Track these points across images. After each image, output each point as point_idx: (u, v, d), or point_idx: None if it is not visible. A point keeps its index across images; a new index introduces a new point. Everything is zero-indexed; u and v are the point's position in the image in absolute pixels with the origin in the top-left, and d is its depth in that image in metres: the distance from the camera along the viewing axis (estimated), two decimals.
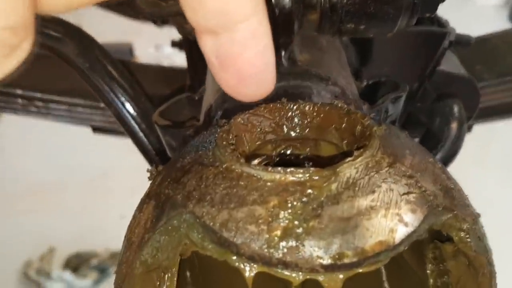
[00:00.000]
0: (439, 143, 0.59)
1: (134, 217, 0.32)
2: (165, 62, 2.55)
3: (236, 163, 0.29)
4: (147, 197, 0.32)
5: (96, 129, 0.76)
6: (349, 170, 0.28)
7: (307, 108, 0.35)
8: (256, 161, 0.36)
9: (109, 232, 1.92)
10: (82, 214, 2.05)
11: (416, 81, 0.59)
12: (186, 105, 0.53)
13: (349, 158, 0.28)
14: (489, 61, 0.71)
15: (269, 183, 0.27)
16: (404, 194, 0.28)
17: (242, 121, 0.34)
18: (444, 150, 0.58)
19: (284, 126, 0.36)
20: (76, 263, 1.92)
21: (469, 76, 0.60)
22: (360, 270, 0.26)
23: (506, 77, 0.69)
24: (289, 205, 0.26)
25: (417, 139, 0.61)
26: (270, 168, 0.28)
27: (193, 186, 0.29)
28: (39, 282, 1.85)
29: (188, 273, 0.35)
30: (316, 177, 0.27)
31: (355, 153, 0.29)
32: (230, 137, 0.32)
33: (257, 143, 0.35)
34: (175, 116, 0.51)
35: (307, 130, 0.36)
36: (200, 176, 0.29)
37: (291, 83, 0.44)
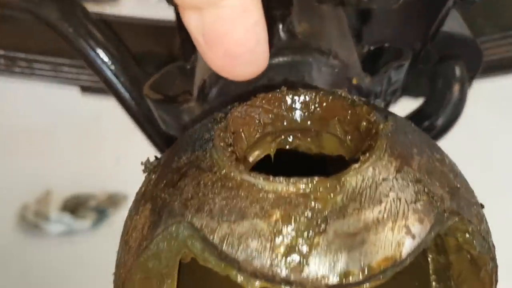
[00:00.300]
0: (441, 107, 0.57)
1: (130, 217, 0.31)
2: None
3: (236, 170, 0.27)
4: (143, 197, 0.31)
5: (85, 89, 0.74)
6: (354, 178, 0.26)
7: (308, 97, 0.33)
8: (256, 154, 0.34)
9: (105, 174, 1.93)
10: (77, 157, 2.04)
11: (419, 42, 0.57)
12: (178, 75, 0.51)
13: (355, 165, 0.27)
14: (492, 14, 0.68)
15: (270, 195, 0.26)
16: (411, 202, 0.26)
17: (240, 115, 0.32)
18: (446, 115, 0.57)
19: (284, 117, 0.34)
20: (74, 205, 1.93)
21: (472, 37, 0.57)
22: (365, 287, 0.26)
23: (508, 31, 0.67)
24: (293, 219, 0.25)
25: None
26: (271, 178, 0.26)
27: (190, 193, 0.28)
28: (37, 225, 1.87)
29: (188, 277, 0.34)
30: (321, 189, 0.26)
31: (361, 158, 0.27)
32: (228, 135, 0.30)
33: (256, 136, 0.33)
34: (166, 89, 0.49)
35: (309, 121, 0.34)
36: (198, 182, 0.28)
37: (289, 58, 0.42)
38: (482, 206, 0.32)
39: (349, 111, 0.32)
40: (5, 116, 2.22)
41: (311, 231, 0.25)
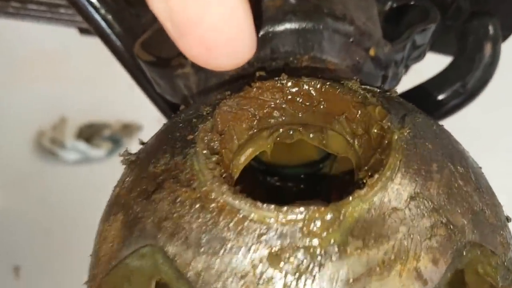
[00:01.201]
0: (471, 70, 0.51)
1: (102, 221, 0.28)
2: None
3: (218, 190, 0.23)
4: (115, 202, 0.27)
5: (83, 31, 0.68)
6: (358, 209, 0.22)
7: (312, 89, 0.28)
8: (249, 152, 0.30)
9: (120, 103, 1.91)
10: (92, 85, 2.02)
11: None
12: None
13: (359, 192, 0.22)
14: None
15: (257, 225, 0.22)
16: (426, 239, 0.22)
17: (230, 109, 0.28)
18: (476, 77, 0.51)
19: (283, 110, 0.29)
20: (89, 134, 1.94)
21: None
22: None
23: None
24: (282, 261, 0.22)
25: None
26: (259, 204, 0.22)
27: (165, 211, 0.24)
28: (53, 152, 1.89)
29: None
30: (317, 222, 0.22)
31: (368, 181, 0.23)
32: (214, 137, 0.26)
33: (250, 132, 0.29)
34: (159, 48, 0.44)
35: (312, 116, 0.29)
36: (174, 199, 0.24)
37: (297, 25, 0.36)
38: (508, 219, 0.28)
39: (359, 111, 0.27)
40: (20, 40, 2.18)
41: (302, 276, 0.21)
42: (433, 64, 0.55)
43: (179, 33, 0.22)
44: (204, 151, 0.25)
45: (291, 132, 0.30)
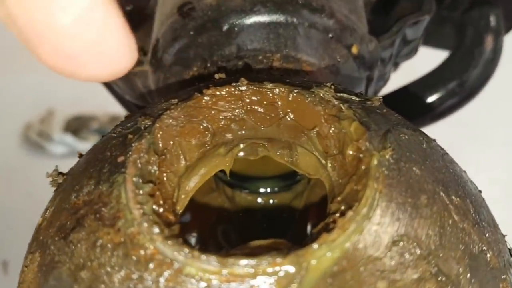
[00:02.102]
0: (469, 67, 0.46)
1: (24, 258, 0.23)
2: None
3: (147, 233, 0.18)
4: (35, 239, 0.22)
5: None
6: (326, 258, 0.17)
7: (277, 96, 0.23)
8: (200, 173, 0.25)
9: (106, 94, 1.86)
10: None
11: None
12: (132, 22, 0.40)
13: (327, 236, 0.17)
14: None
15: (194, 282, 0.17)
16: None
17: (174, 122, 0.23)
18: (475, 75, 0.46)
19: (243, 123, 0.24)
20: (76, 126, 1.90)
21: None
22: None
23: None
24: None
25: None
26: (197, 254, 0.17)
27: (82, 257, 0.19)
28: (40, 145, 1.85)
29: None
30: (270, 280, 0.17)
31: (338, 222, 0.18)
32: (151, 160, 0.21)
33: (201, 150, 0.24)
34: None
35: (278, 129, 0.24)
36: (93, 243, 0.19)
37: (267, 18, 0.31)
38: (508, 249, 0.23)
39: (332, 125, 0.22)
40: (5, 31, 2.12)
41: None
42: (426, 60, 0.50)
43: (26, 38, 0.18)
44: (135, 179, 0.20)
45: (255, 148, 0.26)
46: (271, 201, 0.35)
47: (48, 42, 0.18)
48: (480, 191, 0.24)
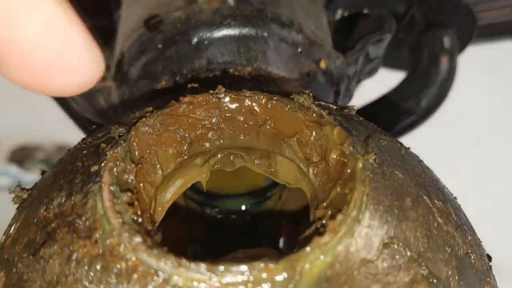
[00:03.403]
0: (425, 86, 0.47)
1: None
2: None
3: (128, 244, 0.17)
4: (1, 255, 0.20)
5: None
6: (319, 262, 0.17)
7: (256, 104, 0.23)
8: (177, 185, 0.24)
9: (51, 122, 1.80)
10: (21, 103, 1.91)
11: (402, 5, 0.46)
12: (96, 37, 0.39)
13: (319, 239, 0.17)
14: None
15: None
16: None
17: (150, 130, 0.22)
18: (431, 95, 0.47)
19: (221, 131, 0.24)
20: (21, 157, 1.83)
21: (465, 1, 0.47)
22: None
23: None
24: None
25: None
26: (185, 262, 0.16)
27: (55, 274, 0.18)
28: None
29: None
30: (265, 286, 0.16)
31: (329, 224, 0.17)
32: (127, 168, 0.20)
33: (178, 160, 0.23)
34: None
35: (257, 138, 0.24)
36: (68, 256, 0.18)
37: (237, 32, 0.31)
38: (489, 258, 0.23)
39: (314, 132, 0.22)
40: None
41: None
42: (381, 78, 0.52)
43: None
44: (112, 187, 0.18)
45: (232, 158, 0.25)
46: (241, 218, 0.34)
47: (13, 57, 0.18)
48: (456, 198, 0.24)
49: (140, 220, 0.18)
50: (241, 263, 0.16)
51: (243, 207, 0.34)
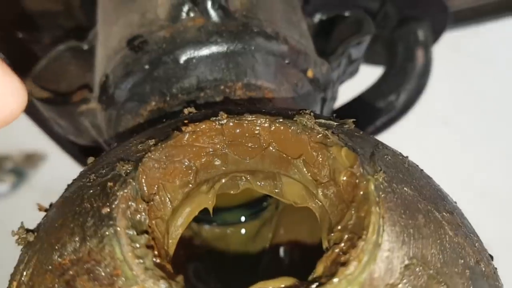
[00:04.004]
0: (403, 81, 0.48)
1: None
2: None
3: (154, 287, 0.17)
4: None
5: None
6: None
7: (259, 127, 0.23)
8: (185, 213, 0.24)
9: (19, 131, 1.76)
10: None
11: (376, 2, 0.47)
12: (72, 59, 0.38)
13: (345, 271, 0.17)
14: None
15: None
16: None
17: (157, 164, 0.21)
18: (409, 89, 0.48)
19: (225, 157, 0.24)
20: None
21: None
22: None
23: None
24: None
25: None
26: None
27: None
28: None
29: None
30: None
31: (351, 253, 0.18)
32: (140, 207, 0.20)
33: (185, 189, 0.23)
34: (57, 80, 0.36)
35: (261, 161, 0.24)
36: None
37: (224, 48, 0.31)
38: (491, 258, 0.24)
39: (319, 153, 0.22)
40: None
41: None
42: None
43: None
44: (128, 231, 0.18)
45: (236, 182, 0.25)
46: (240, 231, 0.34)
47: None
48: (456, 202, 0.25)
49: (159, 261, 0.18)
50: None
51: (243, 219, 0.34)
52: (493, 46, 1.26)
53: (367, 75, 0.50)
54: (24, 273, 0.20)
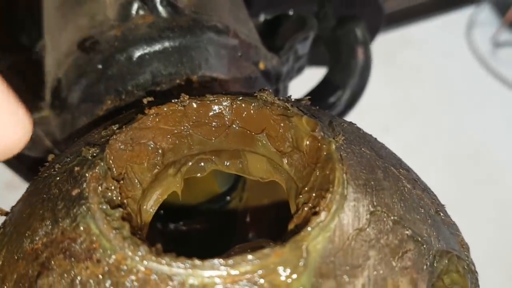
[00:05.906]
0: (347, 78, 0.50)
1: None
2: None
3: (134, 255, 0.17)
4: None
5: None
6: (321, 238, 0.18)
7: (222, 106, 0.23)
8: (154, 197, 0.23)
9: None
10: None
11: (314, 4, 0.49)
12: (22, 69, 0.37)
13: (318, 219, 0.18)
14: None
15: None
16: (398, 258, 0.19)
17: (123, 146, 0.21)
18: (353, 85, 0.51)
19: (191, 137, 0.24)
20: None
21: None
22: None
23: None
24: None
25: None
26: (198, 262, 0.17)
27: None
28: None
29: None
30: (278, 269, 0.17)
31: (321, 204, 0.18)
32: (112, 185, 0.19)
33: (153, 171, 0.23)
34: None
35: (226, 139, 0.24)
36: (71, 282, 0.17)
37: (177, 43, 0.31)
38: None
39: (282, 124, 0.23)
40: None
41: None
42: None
43: None
44: (102, 206, 0.18)
45: (202, 164, 0.25)
46: (206, 226, 0.34)
47: None
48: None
49: (137, 233, 0.18)
50: (253, 253, 0.17)
51: (206, 215, 0.34)
52: (424, 56, 1.34)
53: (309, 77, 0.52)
54: None
